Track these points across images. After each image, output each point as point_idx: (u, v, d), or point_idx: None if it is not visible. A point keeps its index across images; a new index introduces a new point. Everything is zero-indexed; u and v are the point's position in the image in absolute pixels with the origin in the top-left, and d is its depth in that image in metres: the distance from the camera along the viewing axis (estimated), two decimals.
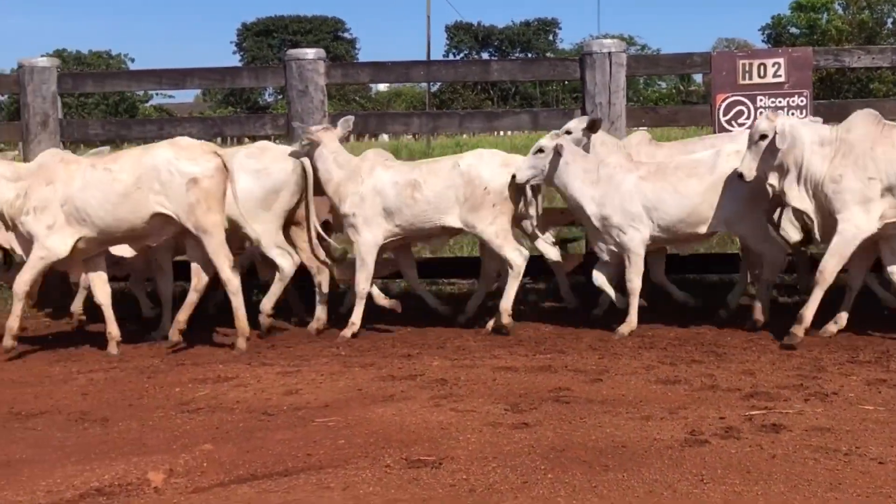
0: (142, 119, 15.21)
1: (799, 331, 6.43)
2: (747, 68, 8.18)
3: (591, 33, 70.66)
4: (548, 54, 70.77)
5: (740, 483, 3.95)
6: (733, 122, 8.16)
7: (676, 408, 5.01)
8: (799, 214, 6.89)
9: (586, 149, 7.24)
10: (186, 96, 74.69)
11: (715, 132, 8.18)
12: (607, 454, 4.32)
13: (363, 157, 7.38)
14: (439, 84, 59.08)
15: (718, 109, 8.20)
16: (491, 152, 7.43)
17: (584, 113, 8.19)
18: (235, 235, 7.06)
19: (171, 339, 6.84)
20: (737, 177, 6.57)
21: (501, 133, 31.21)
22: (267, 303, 7.32)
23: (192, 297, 6.84)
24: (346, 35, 74.10)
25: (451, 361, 6.32)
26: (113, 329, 6.86)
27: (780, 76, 8.16)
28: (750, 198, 6.76)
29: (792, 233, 7.43)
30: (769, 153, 6.46)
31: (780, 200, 6.79)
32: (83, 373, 6.30)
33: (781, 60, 8.21)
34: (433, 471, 4.17)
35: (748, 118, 8.06)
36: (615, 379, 5.74)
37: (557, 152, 6.93)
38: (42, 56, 9.11)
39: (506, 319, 7.10)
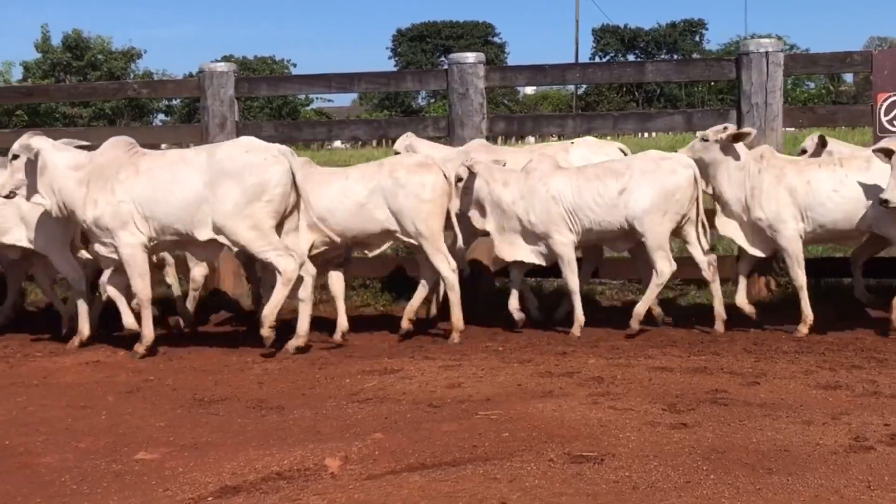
0: (312, 121, 15.61)
1: None
2: None
3: (738, 34, 68.87)
4: (694, 55, 69.42)
5: None
6: (895, 123, 7.88)
7: (839, 413, 4.90)
8: None
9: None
10: (343, 100, 76.18)
11: (875, 133, 7.90)
12: (770, 457, 4.25)
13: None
14: (585, 87, 58.79)
15: (879, 109, 7.91)
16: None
17: (739, 114, 8.07)
18: None
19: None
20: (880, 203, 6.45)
21: (646, 134, 30.82)
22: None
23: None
24: (495, 40, 74.39)
25: (607, 360, 6.32)
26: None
27: None
28: None
29: None
30: None
31: None
32: (258, 362, 6.53)
33: None
34: (596, 467, 4.19)
35: None
36: (773, 382, 5.64)
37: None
38: (213, 61, 9.46)
39: (636, 324, 7.11)
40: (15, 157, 6.81)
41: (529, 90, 65.47)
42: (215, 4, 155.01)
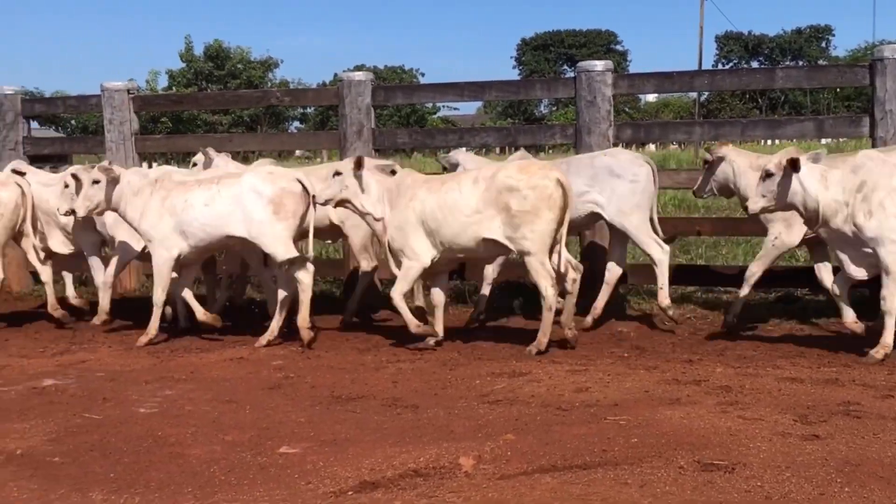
0: (444, 129, 15.71)
1: None
2: None
3: (866, 39, 66.57)
4: (820, 61, 67.49)
5: None
6: None
7: None
8: None
9: None
10: (468, 108, 76.70)
11: None
12: None
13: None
14: (707, 94, 57.69)
15: None
16: None
17: (872, 120, 7.81)
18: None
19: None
20: None
21: (776, 141, 30.03)
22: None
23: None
24: (618, 47, 73.81)
25: (734, 369, 6.20)
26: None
27: None
28: None
29: None
30: None
31: None
32: (392, 362, 6.63)
33: None
34: (727, 475, 4.13)
35: None
36: None
37: None
38: (345, 70, 9.63)
39: None
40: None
41: (650, 97, 64.71)
42: (347, 17, 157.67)
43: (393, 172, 7.17)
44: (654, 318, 7.93)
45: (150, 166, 10.52)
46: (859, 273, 6.40)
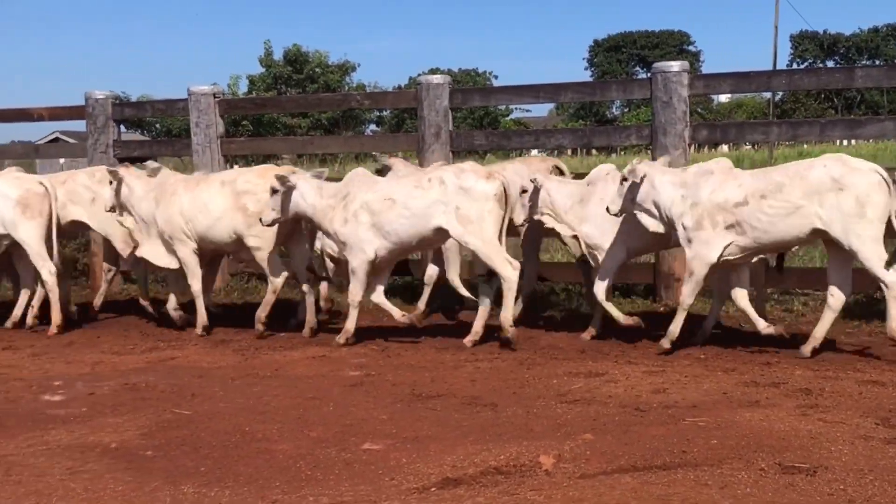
0: (519, 130, 15.74)
1: None
2: None
3: None
4: None
5: None
6: None
7: None
8: None
9: None
10: (540, 110, 76.51)
11: None
12: None
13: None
14: (781, 94, 56.62)
15: None
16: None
17: None
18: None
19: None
20: None
21: (853, 142, 29.43)
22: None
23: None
24: (690, 48, 72.88)
25: (814, 372, 6.09)
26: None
27: None
28: None
29: None
30: None
31: None
32: (470, 361, 6.65)
33: None
34: (808, 478, 4.06)
35: None
36: None
37: None
38: (420, 74, 9.67)
39: None
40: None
41: (723, 98, 63.79)
42: (421, 20, 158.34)
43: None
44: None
45: (230, 167, 10.66)
46: None
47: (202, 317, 7.94)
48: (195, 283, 7.87)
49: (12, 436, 5.08)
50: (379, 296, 7.34)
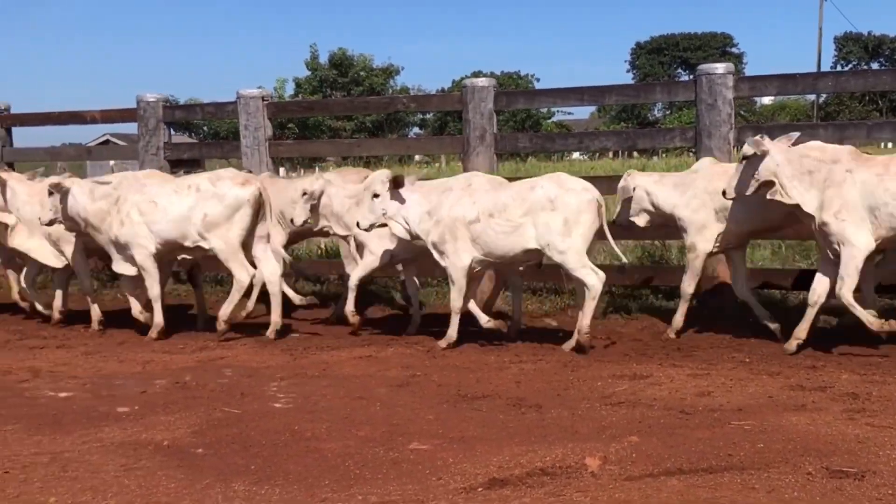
0: (563, 133, 15.79)
1: None
2: None
3: None
4: None
5: None
6: None
7: None
8: None
9: None
10: (581, 113, 76.20)
11: None
12: None
13: None
14: (825, 96, 55.95)
15: None
16: None
17: None
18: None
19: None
20: None
21: (889, 144, 28.97)
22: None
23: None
24: (733, 50, 72.16)
25: (860, 376, 6.02)
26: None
27: None
28: None
29: None
30: None
31: None
32: (514, 363, 6.65)
33: None
34: (856, 483, 4.02)
35: None
36: None
37: None
38: (463, 77, 9.68)
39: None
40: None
41: (766, 100, 63.06)
42: (463, 24, 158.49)
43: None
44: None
45: (277, 171, 10.75)
46: None
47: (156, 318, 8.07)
48: (154, 287, 7.99)
49: (68, 433, 5.17)
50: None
